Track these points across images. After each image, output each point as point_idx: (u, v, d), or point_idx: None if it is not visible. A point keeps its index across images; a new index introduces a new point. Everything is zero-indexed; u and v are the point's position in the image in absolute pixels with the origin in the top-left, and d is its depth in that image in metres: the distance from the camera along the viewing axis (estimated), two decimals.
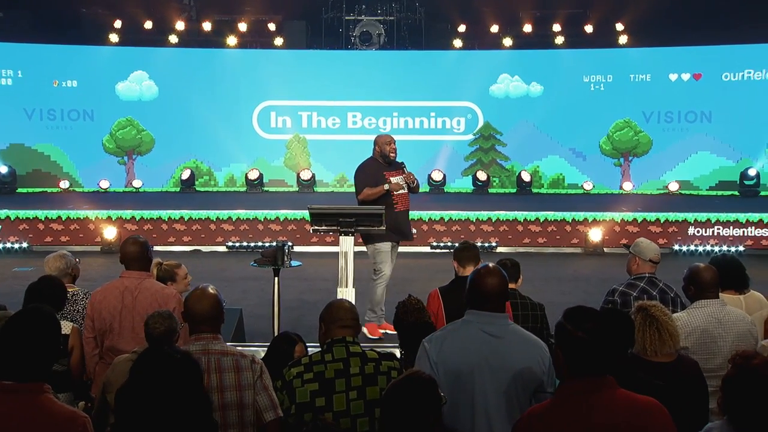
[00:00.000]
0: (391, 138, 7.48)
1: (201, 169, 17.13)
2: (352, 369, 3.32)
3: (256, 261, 6.68)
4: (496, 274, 3.19)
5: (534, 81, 17.05)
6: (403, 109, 17.18)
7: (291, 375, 3.33)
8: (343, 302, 3.59)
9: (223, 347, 3.35)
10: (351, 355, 3.35)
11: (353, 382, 3.30)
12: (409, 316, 4.10)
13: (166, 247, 11.77)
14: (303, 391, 3.28)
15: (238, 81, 16.89)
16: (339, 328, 3.43)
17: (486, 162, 17.19)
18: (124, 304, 4.33)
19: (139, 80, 16.93)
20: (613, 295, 4.80)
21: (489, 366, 3.05)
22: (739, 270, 4.69)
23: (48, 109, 16.77)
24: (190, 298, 3.42)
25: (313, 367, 3.33)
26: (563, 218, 12.33)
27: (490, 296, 3.14)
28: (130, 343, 4.20)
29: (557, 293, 9.23)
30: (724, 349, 3.99)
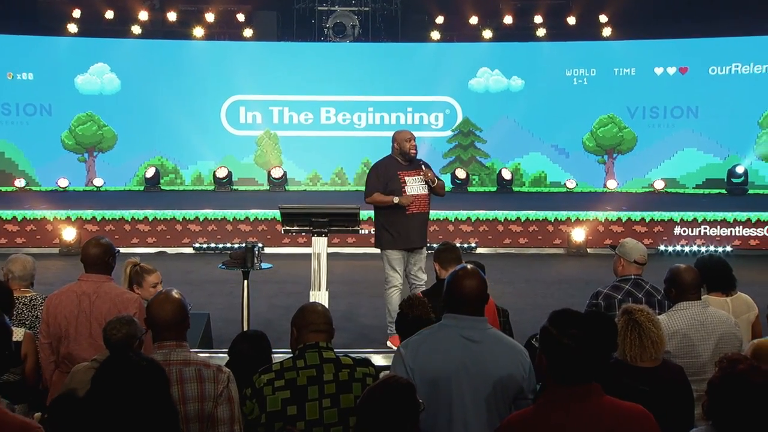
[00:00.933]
0: (410, 134, 7.07)
1: (166, 167, 17.00)
2: (325, 376, 3.31)
3: (225, 263, 6.64)
4: (474, 276, 3.19)
5: (515, 75, 17.13)
6: (378, 104, 17.18)
7: (261, 382, 3.31)
8: (316, 306, 3.57)
9: (186, 356, 3.30)
10: (324, 361, 3.34)
11: (327, 389, 3.29)
12: (414, 309, 4.10)
13: (130, 248, 11.64)
14: (274, 399, 3.27)
15: (205, 74, 16.79)
16: (311, 333, 3.41)
17: (465, 159, 17.24)
18: (81, 308, 4.29)
19: (100, 73, 16.76)
20: (597, 298, 4.82)
21: (467, 372, 3.06)
22: (726, 271, 4.75)
23: (2, 103, 16.55)
24: (153, 303, 3.38)
25: (285, 373, 3.31)
26: (545, 218, 12.39)
27: (468, 299, 3.15)
28: (88, 350, 4.15)
29: (539, 295, 9.28)
30: (707, 352, 4.03)
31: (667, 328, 3.98)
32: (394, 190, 6.91)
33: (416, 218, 6.90)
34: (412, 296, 4.25)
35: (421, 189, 6.94)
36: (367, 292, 9.29)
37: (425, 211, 6.96)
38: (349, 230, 6.64)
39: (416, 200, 6.91)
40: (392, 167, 6.96)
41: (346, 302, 8.66)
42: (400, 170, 6.93)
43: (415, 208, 6.89)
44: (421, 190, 6.94)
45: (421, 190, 6.94)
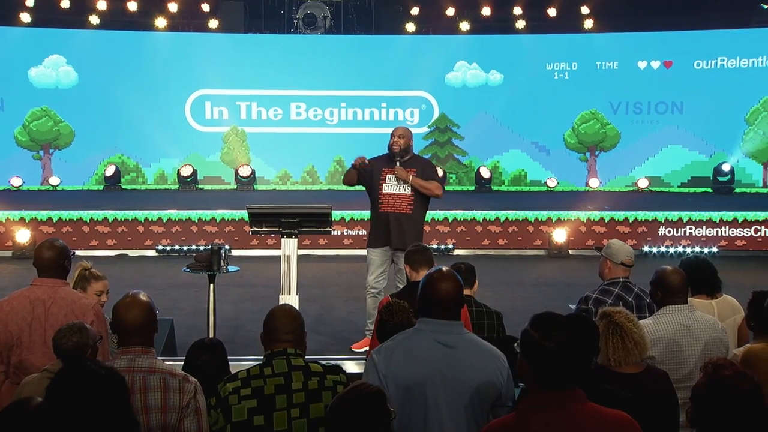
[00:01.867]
0: (397, 130, 7.05)
1: (127, 165, 16.85)
2: (294, 384, 3.29)
3: (189, 266, 6.60)
4: (449, 279, 3.19)
5: (493, 69, 17.21)
6: (351, 99, 17.18)
7: (226, 391, 3.29)
8: (284, 309, 3.53)
9: (152, 363, 3.28)
10: (293, 368, 3.32)
11: (295, 398, 3.27)
12: (394, 316, 4.09)
13: (88, 251, 11.53)
14: (240, 408, 3.24)
15: (168, 67, 16.68)
16: (278, 342, 3.39)
17: (442, 157, 17.29)
18: (35, 315, 4.23)
19: (56, 65, 16.58)
20: (587, 303, 4.83)
21: (443, 378, 3.06)
22: (711, 273, 4.79)
23: None
24: (120, 306, 3.35)
25: (251, 381, 3.29)
26: (525, 218, 12.45)
27: (444, 303, 3.15)
28: (42, 359, 4.07)
29: (519, 299, 9.32)
30: (693, 358, 4.05)
31: (653, 332, 3.99)
32: (374, 187, 6.96)
33: (391, 217, 6.88)
34: (393, 302, 4.23)
35: (397, 188, 6.92)
36: (340, 295, 9.28)
37: (402, 211, 6.90)
38: (320, 231, 6.61)
39: (388, 198, 6.91)
40: (381, 163, 7.02)
41: (318, 306, 8.64)
42: (386, 166, 6.97)
43: (389, 207, 6.89)
44: (398, 189, 6.92)
45: (398, 189, 6.92)
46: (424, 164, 7.11)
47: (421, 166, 7.03)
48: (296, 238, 6.36)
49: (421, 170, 6.97)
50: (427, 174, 6.98)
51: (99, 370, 2.61)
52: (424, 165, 7.10)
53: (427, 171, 7.01)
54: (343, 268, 11.06)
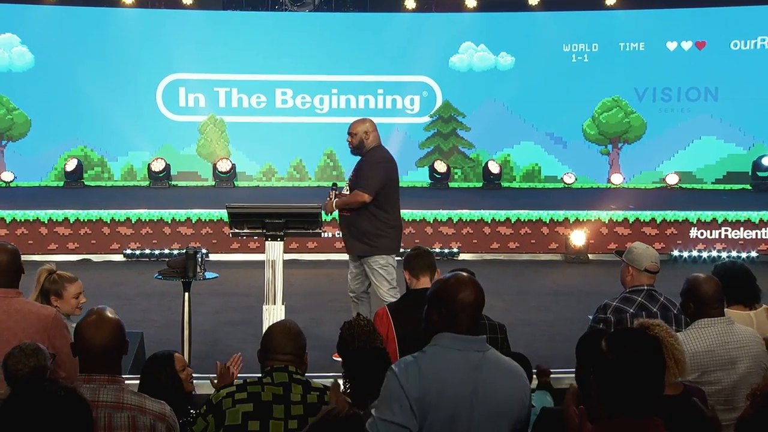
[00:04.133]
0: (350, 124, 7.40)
1: (91, 159, 16.84)
2: (293, 396, 3.42)
3: (162, 272, 6.60)
4: (471, 285, 3.15)
5: (503, 51, 17.21)
6: (344, 84, 17.18)
7: (219, 396, 3.41)
8: (285, 327, 3.65)
9: (119, 396, 3.21)
10: (293, 381, 3.45)
11: (293, 410, 3.39)
12: (356, 340, 4.11)
13: (46, 256, 11.52)
14: (234, 412, 3.35)
15: (137, 49, 16.66)
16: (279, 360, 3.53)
17: (445, 150, 17.29)
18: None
19: (8, 46, 16.56)
20: (606, 312, 4.84)
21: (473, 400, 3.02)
22: (749, 280, 4.80)
23: None
24: (84, 325, 3.27)
25: (248, 387, 3.42)
26: (539, 218, 12.47)
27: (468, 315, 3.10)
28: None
29: (532, 309, 9.33)
30: (732, 377, 4.05)
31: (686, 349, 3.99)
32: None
33: (340, 220, 7.46)
34: (354, 322, 4.24)
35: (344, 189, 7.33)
36: (331, 305, 9.29)
37: (344, 213, 7.34)
38: (309, 233, 6.64)
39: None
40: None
41: (306, 318, 8.64)
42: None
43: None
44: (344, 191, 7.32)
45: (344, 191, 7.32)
46: (361, 167, 7.29)
47: (358, 167, 7.29)
48: (282, 241, 6.38)
49: (356, 175, 7.25)
50: (357, 178, 7.20)
51: (57, 391, 2.51)
52: (360, 168, 7.28)
53: (358, 174, 7.22)
54: (335, 275, 11.06)
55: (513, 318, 7.67)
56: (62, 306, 4.86)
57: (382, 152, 7.38)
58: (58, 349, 4.01)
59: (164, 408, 3.33)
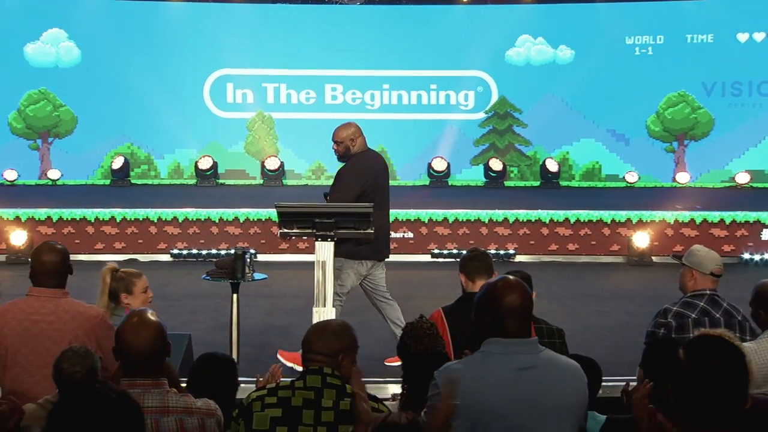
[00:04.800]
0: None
1: (137, 157, 17.09)
2: (324, 401, 3.40)
3: (209, 273, 6.67)
4: (517, 288, 3.18)
5: (562, 44, 17.11)
6: (396, 80, 17.20)
7: (250, 399, 3.43)
8: (322, 325, 3.68)
9: (164, 400, 3.25)
10: (326, 385, 3.43)
11: (324, 416, 3.38)
12: (418, 343, 4.12)
13: (93, 256, 11.72)
14: (262, 416, 3.36)
15: (184, 43, 16.87)
16: (310, 360, 3.52)
17: (501, 147, 17.23)
18: (32, 333, 4.23)
19: (55, 41, 16.87)
20: (666, 317, 4.80)
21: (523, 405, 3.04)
22: None
23: None
24: (125, 329, 3.29)
25: (278, 392, 3.43)
26: (600, 218, 12.37)
27: (515, 317, 3.13)
28: (42, 383, 4.07)
29: (592, 314, 9.25)
30: None
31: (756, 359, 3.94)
32: None
33: None
34: (417, 324, 4.25)
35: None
36: None
37: None
38: (360, 233, 6.63)
39: None
40: None
41: (357, 321, 8.57)
42: None
43: None
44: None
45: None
46: (337, 174, 7.24)
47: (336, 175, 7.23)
48: (333, 241, 6.39)
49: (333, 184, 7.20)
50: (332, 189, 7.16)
51: (109, 395, 2.53)
52: (337, 175, 7.24)
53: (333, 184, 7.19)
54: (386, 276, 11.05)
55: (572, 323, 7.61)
56: (132, 302, 4.97)
57: (364, 159, 7.27)
58: (105, 350, 4.05)
59: (210, 404, 3.38)
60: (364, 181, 7.09)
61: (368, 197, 7.01)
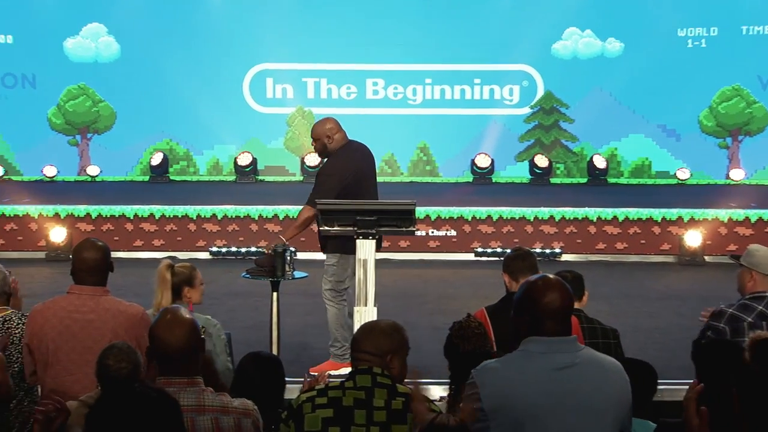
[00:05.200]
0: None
1: (176, 153, 17.23)
2: (375, 401, 3.43)
3: (249, 271, 6.70)
4: (557, 287, 3.18)
5: (611, 37, 16.98)
6: (438, 74, 17.17)
7: (300, 400, 3.47)
8: (372, 323, 3.77)
9: (200, 399, 3.27)
10: (377, 385, 3.46)
11: (376, 416, 3.41)
12: (467, 342, 4.12)
13: (131, 253, 11.85)
14: (314, 418, 3.40)
15: (224, 38, 16.97)
16: (359, 360, 3.56)
17: (547, 143, 17.14)
18: (72, 332, 4.29)
19: (95, 36, 17.06)
20: (721, 320, 4.76)
21: (561, 405, 3.04)
22: None
23: None
24: (158, 326, 3.32)
25: (329, 392, 3.47)
26: (650, 217, 12.27)
27: (554, 316, 3.13)
28: (82, 382, 4.15)
29: (642, 315, 9.20)
30: None
31: None
32: None
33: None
34: (465, 323, 4.25)
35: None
36: (425, 308, 9.30)
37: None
38: (402, 231, 6.64)
39: None
40: None
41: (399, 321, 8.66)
42: None
43: None
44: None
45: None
46: (317, 174, 7.40)
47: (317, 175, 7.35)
48: (374, 239, 6.40)
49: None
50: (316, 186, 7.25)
51: (149, 393, 2.57)
52: (317, 175, 7.39)
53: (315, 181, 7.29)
54: (429, 275, 11.08)
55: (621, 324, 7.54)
56: (193, 296, 5.13)
57: (343, 156, 7.24)
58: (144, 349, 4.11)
59: (247, 403, 3.41)
60: (343, 179, 7.09)
61: (350, 193, 7.01)
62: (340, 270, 7.09)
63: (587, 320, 5.15)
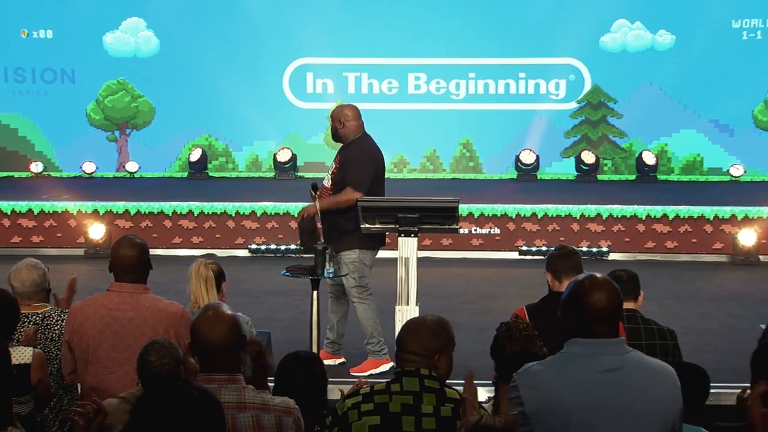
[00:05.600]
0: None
1: (215, 148, 17.35)
2: (424, 407, 3.39)
3: (289, 269, 6.74)
4: (605, 286, 3.15)
5: (662, 29, 16.81)
6: (482, 68, 17.11)
7: (345, 407, 3.44)
8: (418, 319, 3.68)
9: (240, 396, 3.30)
10: (425, 389, 3.42)
11: (425, 423, 3.37)
12: (514, 344, 4.11)
13: (170, 250, 11.96)
14: (360, 425, 3.37)
15: (264, 32, 17.04)
16: (406, 361, 3.51)
17: (594, 139, 17.03)
18: (112, 329, 4.35)
19: (134, 30, 17.23)
20: None
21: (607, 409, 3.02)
22: None
23: (15, 68, 17.19)
24: (200, 322, 3.35)
25: (375, 397, 3.43)
26: (701, 215, 12.15)
27: (601, 317, 3.10)
28: (123, 380, 4.21)
29: (694, 316, 9.13)
30: None
31: None
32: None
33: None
34: (514, 324, 4.23)
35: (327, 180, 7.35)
36: (468, 307, 9.29)
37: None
38: (445, 229, 6.66)
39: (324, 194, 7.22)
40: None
41: None
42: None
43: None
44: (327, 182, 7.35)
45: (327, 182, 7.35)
46: (346, 158, 7.19)
47: (343, 159, 7.17)
48: (416, 237, 6.40)
49: (342, 166, 7.14)
50: (345, 172, 7.08)
51: (191, 392, 2.58)
52: (346, 159, 7.18)
53: (345, 167, 7.11)
54: (472, 274, 11.06)
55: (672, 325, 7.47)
56: (224, 288, 5.32)
57: (372, 146, 7.39)
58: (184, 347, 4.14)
59: (288, 402, 3.42)
60: (374, 170, 7.19)
61: (376, 187, 7.13)
62: (361, 265, 7.11)
63: (643, 321, 5.11)
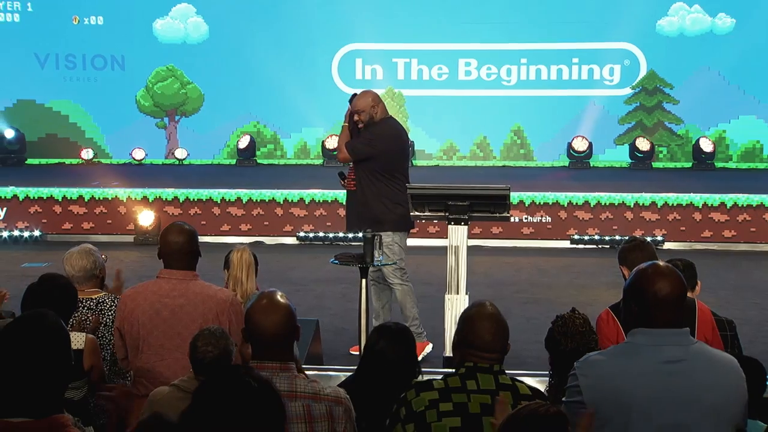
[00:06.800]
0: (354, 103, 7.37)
1: (264, 135, 17.46)
2: None
3: (338, 257, 6.75)
4: (669, 275, 3.11)
5: (722, 12, 16.60)
6: (534, 53, 17.01)
7: (422, 404, 3.34)
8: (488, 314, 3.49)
9: (292, 384, 3.31)
10: (500, 387, 3.36)
11: None
12: (570, 340, 4.09)
13: (218, 237, 12.06)
14: (441, 427, 3.29)
15: (312, 18, 17.09)
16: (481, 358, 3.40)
17: (650, 126, 16.88)
18: (162, 316, 4.38)
19: (184, 17, 17.38)
20: None
21: (669, 400, 2.99)
22: None
23: (66, 55, 17.46)
24: (255, 310, 3.37)
25: (452, 395, 3.35)
26: (761, 203, 12.00)
27: (666, 307, 3.07)
28: (173, 368, 4.24)
29: (752, 307, 9.01)
30: None
31: None
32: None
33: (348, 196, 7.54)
34: (569, 319, 4.18)
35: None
36: (519, 296, 9.25)
37: (353, 189, 7.32)
38: (496, 217, 6.59)
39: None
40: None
41: None
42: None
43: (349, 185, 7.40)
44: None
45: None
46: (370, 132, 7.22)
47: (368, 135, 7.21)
48: (466, 225, 6.37)
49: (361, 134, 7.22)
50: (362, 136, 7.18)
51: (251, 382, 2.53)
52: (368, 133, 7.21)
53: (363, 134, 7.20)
54: (522, 263, 11.02)
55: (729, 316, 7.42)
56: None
57: (395, 126, 7.45)
58: (234, 334, 4.15)
59: (339, 391, 3.42)
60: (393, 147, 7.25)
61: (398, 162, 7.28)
62: (398, 248, 7.14)
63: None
